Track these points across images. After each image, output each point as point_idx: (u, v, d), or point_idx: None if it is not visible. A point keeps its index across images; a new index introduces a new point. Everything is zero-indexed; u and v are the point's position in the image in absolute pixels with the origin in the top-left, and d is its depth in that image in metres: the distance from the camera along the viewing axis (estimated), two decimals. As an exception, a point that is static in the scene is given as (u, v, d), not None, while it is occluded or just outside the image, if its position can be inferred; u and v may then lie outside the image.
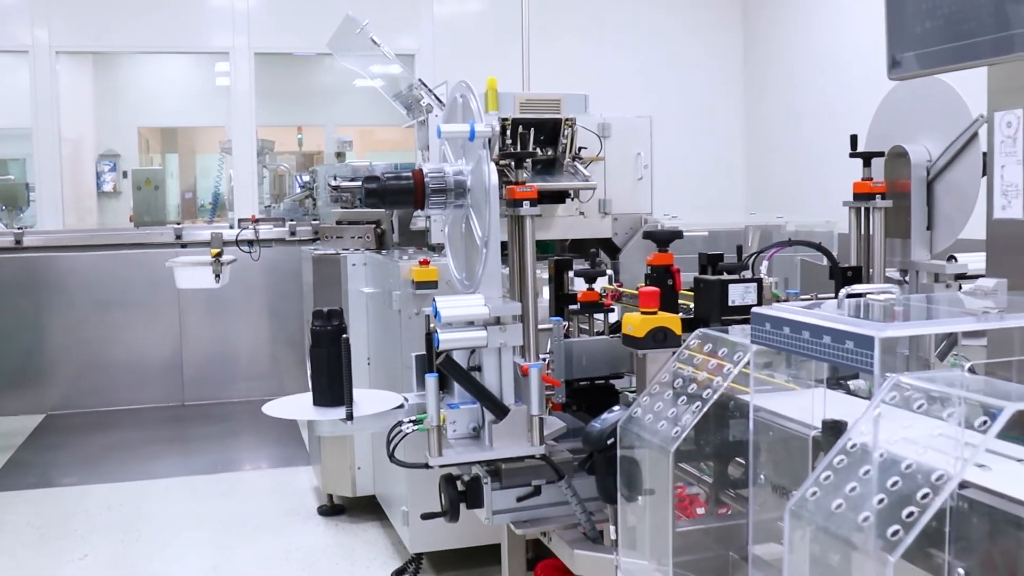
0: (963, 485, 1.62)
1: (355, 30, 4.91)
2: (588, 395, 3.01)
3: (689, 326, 2.47)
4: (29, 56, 8.47)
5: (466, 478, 2.75)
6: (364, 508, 5.22)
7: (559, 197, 4.77)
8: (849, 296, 1.86)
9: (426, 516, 2.79)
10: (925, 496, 1.43)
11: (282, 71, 12.54)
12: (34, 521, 5.30)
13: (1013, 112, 2.25)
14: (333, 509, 5.32)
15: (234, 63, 8.89)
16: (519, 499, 2.71)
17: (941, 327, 1.97)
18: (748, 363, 2.03)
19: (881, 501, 1.47)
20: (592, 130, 4.80)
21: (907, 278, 3.11)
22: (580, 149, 4.79)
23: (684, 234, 4.35)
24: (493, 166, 2.58)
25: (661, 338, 2.31)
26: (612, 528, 2.41)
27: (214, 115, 11.95)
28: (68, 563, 4.71)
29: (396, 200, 2.66)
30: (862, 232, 3.08)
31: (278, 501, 5.62)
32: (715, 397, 2.04)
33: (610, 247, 4.94)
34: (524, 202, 2.70)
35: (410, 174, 2.66)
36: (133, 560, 4.73)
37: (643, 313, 2.34)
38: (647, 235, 2.86)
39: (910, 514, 1.42)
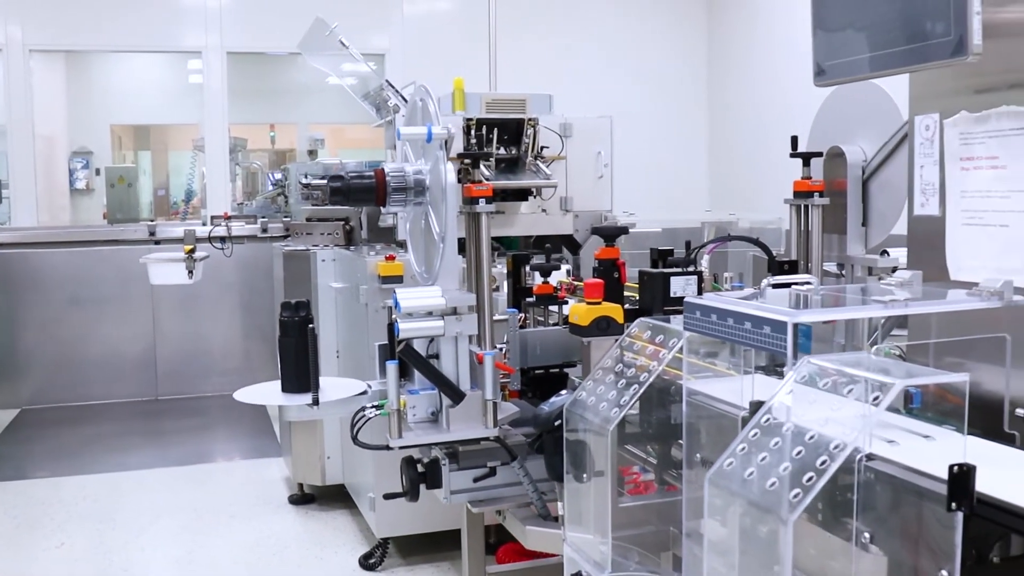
0: (870, 457, 1.80)
1: (324, 32, 5.04)
2: (543, 382, 3.17)
3: (634, 316, 2.64)
4: (3, 55, 8.54)
5: (426, 460, 2.91)
6: (334, 497, 5.37)
7: (522, 195, 4.95)
8: (772, 287, 2.03)
9: (388, 496, 2.95)
10: (823, 463, 1.60)
11: (255, 69, 12.62)
12: (10, 512, 5.41)
13: (931, 116, 2.42)
14: (303, 498, 5.47)
15: (206, 62, 8.98)
16: (475, 480, 2.87)
17: (848, 314, 2.14)
18: (681, 349, 2.20)
19: (786, 468, 1.64)
20: (554, 130, 4.97)
21: (844, 271, 3.29)
22: (542, 148, 4.97)
23: (636, 231, 4.56)
24: (451, 165, 2.74)
25: (604, 326, 2.48)
26: (560, 505, 2.57)
27: (187, 113, 12.02)
28: (44, 551, 4.83)
29: (359, 198, 2.82)
30: (802, 228, 3.26)
31: (250, 491, 5.76)
32: (650, 380, 2.21)
33: (571, 243, 5.09)
34: (480, 200, 2.85)
35: (373, 173, 2.82)
36: (108, 548, 4.86)
37: (588, 303, 2.50)
38: (595, 231, 3.03)
39: (809, 479, 1.59)
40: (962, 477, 1.61)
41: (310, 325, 2.91)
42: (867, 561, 1.82)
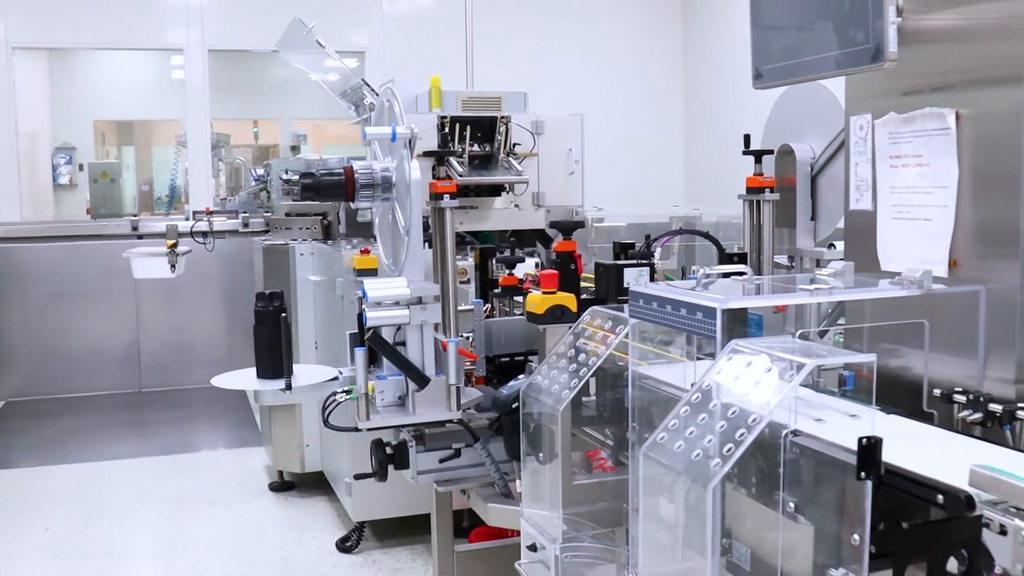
0: (796, 433, 1.95)
1: (302, 32, 5.19)
2: (507, 369, 3.33)
3: (590, 306, 2.80)
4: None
5: (394, 443, 3.06)
6: (313, 484, 5.52)
7: (495, 190, 5.11)
8: (705, 276, 2.19)
9: (359, 476, 3.11)
10: (741, 435, 1.76)
11: (239, 65, 12.71)
12: (-5, 499, 5.56)
13: (864, 117, 2.59)
14: (283, 485, 5.62)
15: (188, 60, 9.10)
16: (441, 461, 3.03)
17: (774, 301, 2.30)
18: (627, 334, 2.36)
19: (710, 441, 1.81)
20: (526, 127, 5.13)
21: (794, 263, 3.45)
22: (514, 145, 5.12)
23: (604, 225, 4.72)
24: (415, 163, 2.89)
25: (559, 315, 2.64)
26: (519, 483, 2.73)
27: (170, 108, 12.10)
28: (30, 536, 4.97)
29: (329, 193, 2.97)
30: (754, 222, 3.43)
31: (231, 479, 5.90)
32: (598, 364, 2.37)
33: (544, 237, 5.25)
34: (444, 195, 3.00)
35: (342, 170, 2.97)
36: (92, 533, 5.00)
37: (543, 293, 2.66)
38: (552, 224, 3.18)
39: (729, 449, 1.75)
40: (870, 449, 1.77)
41: (283, 314, 3.06)
42: (797, 531, 1.98)
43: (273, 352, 3.08)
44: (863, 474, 1.77)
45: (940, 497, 1.72)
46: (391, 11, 9.39)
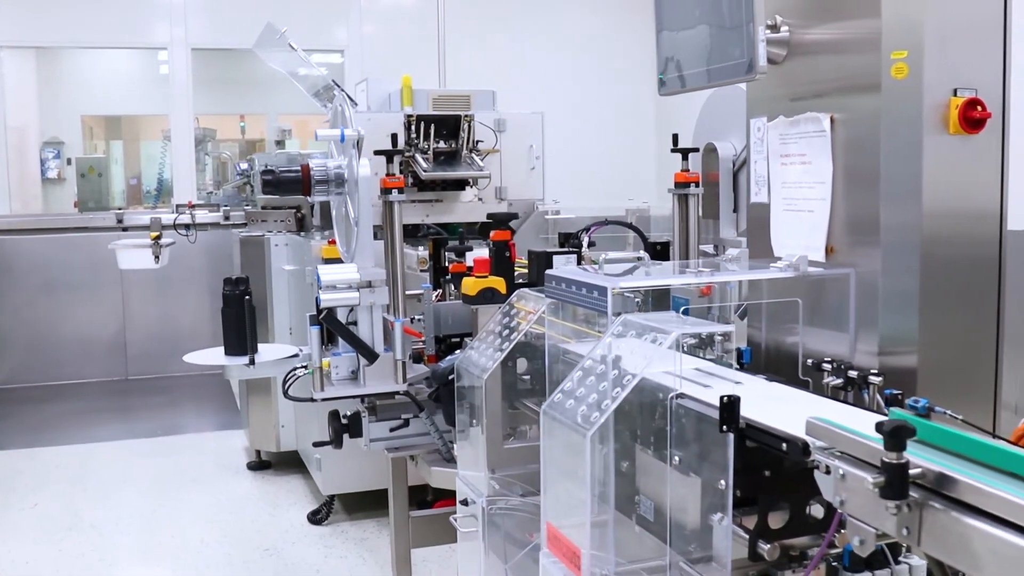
0: (680, 396, 2.27)
1: (276, 35, 5.47)
2: (454, 348, 3.63)
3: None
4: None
5: (349, 414, 3.38)
6: (288, 463, 5.84)
7: (460, 185, 5.43)
8: (607, 261, 2.51)
9: (317, 444, 3.44)
10: (616, 392, 2.08)
11: (225, 61, 12.98)
12: (-14, 478, 5.87)
13: (760, 119, 2.90)
14: (260, 464, 5.94)
15: (172, 58, 9.38)
16: (392, 430, 3.35)
17: (659, 281, 2.61)
18: (548, 311, 2.68)
19: (593, 397, 2.12)
20: (489, 125, 5.45)
21: (718, 251, 3.77)
22: (477, 142, 5.45)
23: (560, 217, 5.04)
24: (364, 161, 3.20)
25: (489, 296, 2.96)
26: (456, 447, 3.05)
27: (157, 103, 12.35)
28: (19, 511, 5.28)
29: (288, 188, 3.28)
30: (682, 214, 3.74)
31: (212, 459, 6.22)
32: (518, 337, 2.69)
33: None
34: (392, 190, 3.31)
35: (299, 168, 3.28)
36: (78, 508, 5.31)
37: (476, 277, 2.98)
38: (490, 216, 3.48)
39: (606, 404, 2.07)
40: (729, 406, 2.08)
41: (247, 297, 3.37)
42: (689, 483, 2.29)
43: (239, 331, 3.40)
44: (724, 428, 2.09)
45: (784, 445, 2.03)
46: (371, 9, 9.68)
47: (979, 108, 2.41)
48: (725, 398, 2.08)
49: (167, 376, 8.66)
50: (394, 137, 3.70)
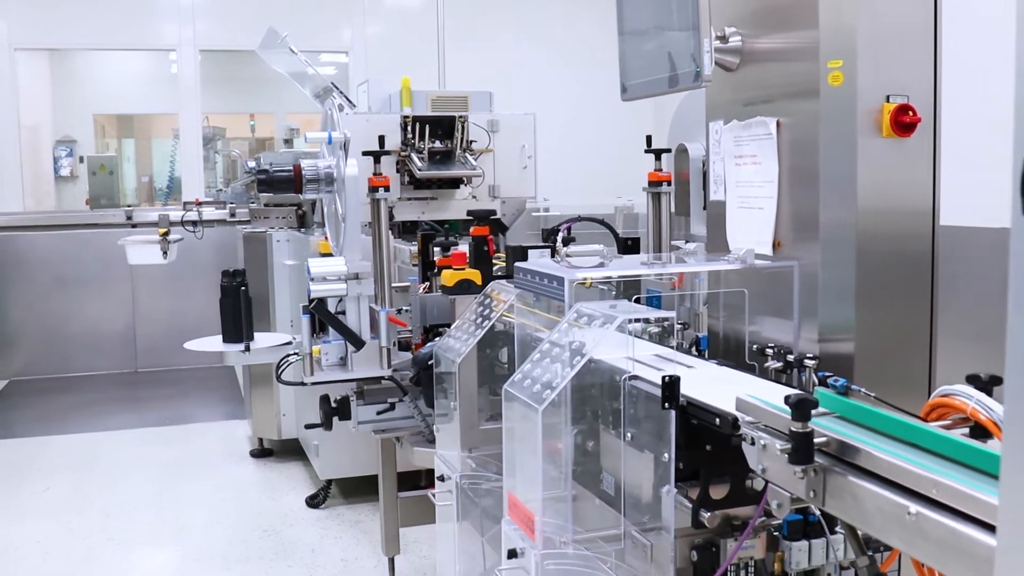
0: (633, 378, 2.49)
1: (277, 39, 5.70)
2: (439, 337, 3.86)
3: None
4: (-10, 53, 9.19)
5: (338, 398, 3.61)
6: (289, 451, 6.08)
7: (455, 183, 5.66)
8: (567, 255, 2.73)
9: (309, 426, 3.67)
10: (566, 371, 2.30)
11: (236, 61, 13.21)
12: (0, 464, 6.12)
13: (718, 122, 3.12)
14: (262, 452, 6.18)
15: (180, 59, 9.64)
16: (378, 413, 3.57)
17: (612, 272, 2.82)
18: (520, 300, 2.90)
19: (547, 376, 2.34)
20: (482, 126, 5.67)
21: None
22: (471, 142, 5.67)
23: (548, 214, 5.25)
24: (352, 161, 3.42)
25: (466, 287, 3.18)
26: (436, 428, 3.27)
27: (168, 102, 12.61)
28: (31, 495, 5.53)
29: (280, 187, 3.51)
30: (655, 211, 3.96)
31: (217, 448, 6.46)
32: (490, 324, 2.91)
33: (500, 225, 5.78)
34: (379, 189, 3.53)
35: (291, 167, 3.50)
36: (88, 492, 5.56)
37: (454, 270, 3.20)
38: (470, 213, 3.70)
39: (557, 382, 2.29)
40: (670, 385, 2.29)
41: (243, 288, 3.60)
42: (642, 457, 2.51)
43: (235, 320, 3.63)
44: (666, 405, 2.30)
45: (717, 420, 2.25)
46: (375, 11, 9.91)
47: (910, 113, 2.62)
48: (666, 378, 2.29)
49: (175, 368, 8.92)
50: (381, 139, 3.91)
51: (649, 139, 3.98)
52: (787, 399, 1.91)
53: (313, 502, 5.24)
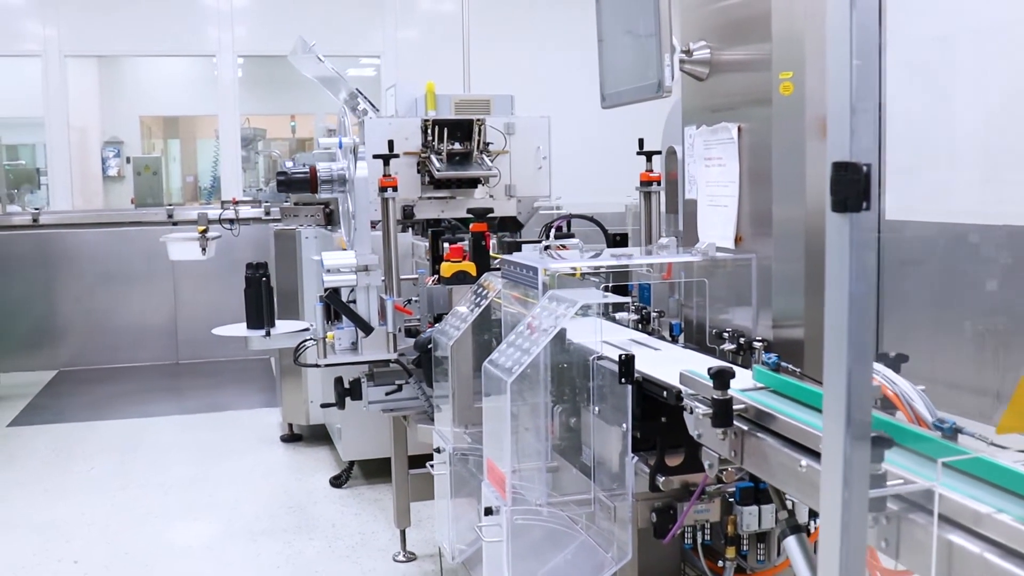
0: (600, 358, 2.80)
1: (306, 48, 6.06)
2: (445, 325, 4.19)
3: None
4: (41, 60, 9.67)
5: (350, 379, 3.95)
6: (317, 436, 6.44)
7: (472, 183, 5.98)
8: (544, 248, 3.04)
9: (324, 405, 4.01)
10: (535, 348, 2.62)
11: (277, 64, 13.58)
12: (50, 445, 6.55)
13: (691, 127, 3.41)
14: (292, 437, 6.55)
15: (220, 64, 10.06)
16: (387, 393, 3.91)
17: (585, 263, 3.13)
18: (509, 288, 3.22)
19: (519, 353, 2.66)
20: (499, 129, 5.98)
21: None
22: (488, 144, 5.99)
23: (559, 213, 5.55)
24: (362, 164, 3.76)
25: (462, 277, 3.51)
26: (437, 407, 3.60)
27: (211, 104, 13.06)
28: (78, 474, 5.94)
29: (297, 187, 3.86)
30: (647, 209, 4.25)
31: (250, 433, 6.85)
32: (480, 311, 3.23)
33: (515, 223, 6.08)
34: (387, 189, 3.86)
35: (308, 169, 3.85)
36: (129, 471, 5.97)
37: (451, 262, 3.54)
38: (469, 211, 4.02)
39: (524, 359, 2.61)
40: (627, 362, 2.60)
41: (265, 279, 3.96)
42: (609, 430, 2.80)
43: (258, 308, 3.98)
44: (623, 380, 2.61)
45: (664, 393, 2.55)
46: (405, 17, 10.27)
47: (854, 120, 2.90)
48: (623, 356, 2.60)
49: (213, 360, 9.34)
50: (391, 143, 4.24)
51: (641, 142, 4.27)
52: (709, 370, 2.22)
53: (336, 482, 5.59)
